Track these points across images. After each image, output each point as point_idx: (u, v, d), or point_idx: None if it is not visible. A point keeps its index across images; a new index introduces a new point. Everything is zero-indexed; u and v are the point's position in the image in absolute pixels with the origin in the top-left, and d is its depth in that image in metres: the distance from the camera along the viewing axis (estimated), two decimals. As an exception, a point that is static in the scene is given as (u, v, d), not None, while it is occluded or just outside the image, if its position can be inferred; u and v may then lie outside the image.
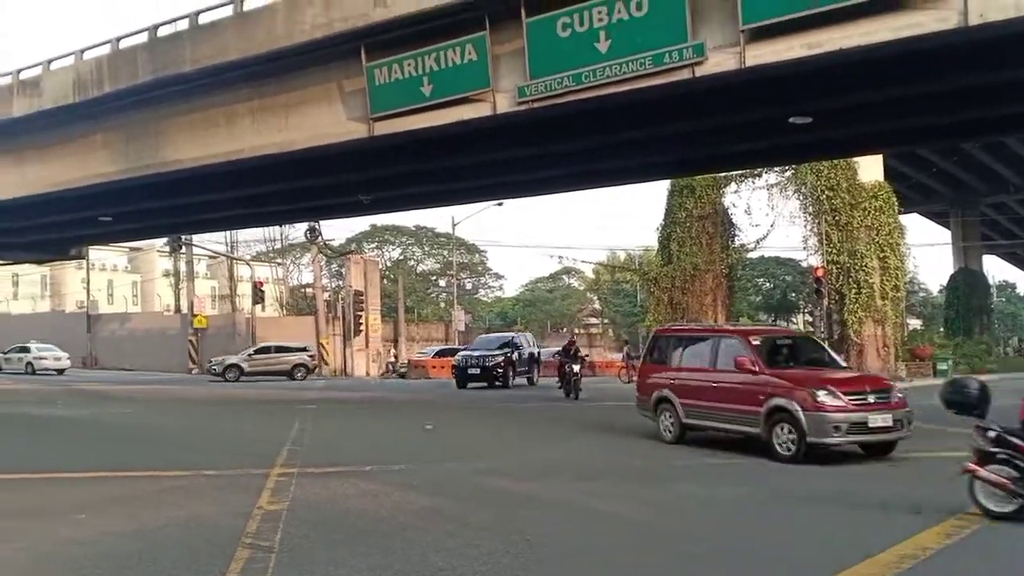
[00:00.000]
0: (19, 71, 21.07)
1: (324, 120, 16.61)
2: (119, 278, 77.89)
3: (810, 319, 53.98)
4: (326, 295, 47.84)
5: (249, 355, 34.48)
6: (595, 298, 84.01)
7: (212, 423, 17.68)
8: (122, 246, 60.54)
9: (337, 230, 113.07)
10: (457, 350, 44.21)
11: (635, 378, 31.35)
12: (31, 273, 68.54)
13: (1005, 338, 64.43)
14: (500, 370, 26.49)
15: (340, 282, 53.27)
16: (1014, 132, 24.99)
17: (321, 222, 39.08)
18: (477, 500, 8.49)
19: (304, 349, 35.68)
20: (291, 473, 9.69)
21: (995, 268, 66.98)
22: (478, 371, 26.50)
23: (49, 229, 28.13)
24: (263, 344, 36.25)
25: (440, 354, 40.97)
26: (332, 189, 22.43)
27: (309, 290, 53.91)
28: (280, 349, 35.08)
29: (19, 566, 5.80)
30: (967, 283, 45.07)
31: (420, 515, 7.64)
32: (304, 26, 15.54)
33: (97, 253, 56.72)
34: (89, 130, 20.35)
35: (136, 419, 17.97)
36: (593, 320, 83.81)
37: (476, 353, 27.49)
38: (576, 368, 22.06)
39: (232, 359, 34.45)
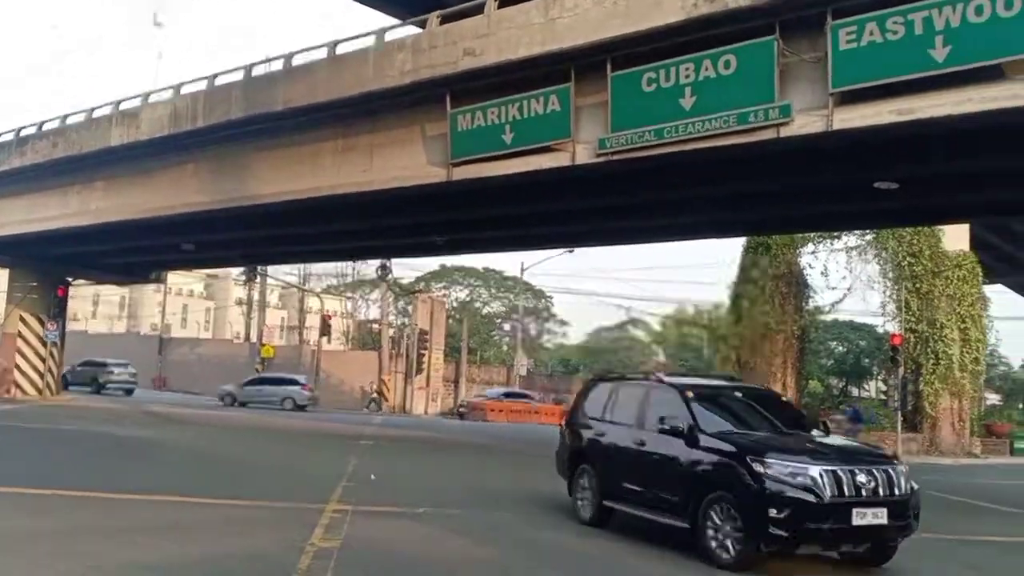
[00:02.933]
0: (119, 102, 21.70)
1: (404, 163, 16.86)
2: (194, 303, 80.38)
3: (883, 387, 52.12)
4: (391, 332, 48.38)
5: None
6: (660, 351, 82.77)
7: (271, 452, 17.86)
8: (199, 272, 62.54)
9: (407, 268, 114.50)
10: (523, 394, 43.19)
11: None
12: (111, 294, 71.24)
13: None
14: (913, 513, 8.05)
15: (406, 319, 53.83)
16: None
17: (392, 260, 39.81)
18: (530, 553, 8.31)
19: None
20: (345, 510, 9.66)
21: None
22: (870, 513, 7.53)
23: (135, 253, 29.16)
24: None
25: (508, 397, 41.00)
26: (407, 229, 22.72)
27: (375, 326, 54.58)
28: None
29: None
30: (1053, 360, 43.21)
31: (470, 564, 7.55)
32: (393, 72, 15.86)
33: (175, 278, 58.58)
34: (180, 161, 20.98)
35: (200, 443, 18.29)
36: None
37: (839, 457, 7.99)
38: None
39: None
